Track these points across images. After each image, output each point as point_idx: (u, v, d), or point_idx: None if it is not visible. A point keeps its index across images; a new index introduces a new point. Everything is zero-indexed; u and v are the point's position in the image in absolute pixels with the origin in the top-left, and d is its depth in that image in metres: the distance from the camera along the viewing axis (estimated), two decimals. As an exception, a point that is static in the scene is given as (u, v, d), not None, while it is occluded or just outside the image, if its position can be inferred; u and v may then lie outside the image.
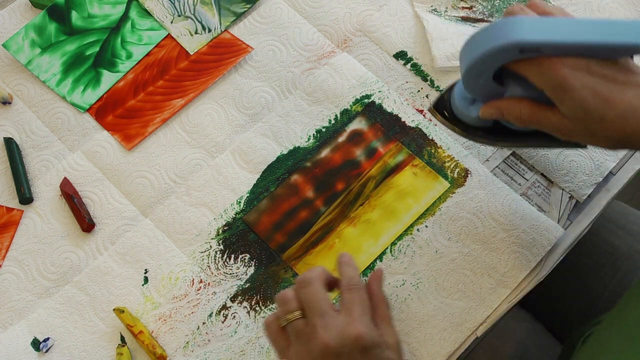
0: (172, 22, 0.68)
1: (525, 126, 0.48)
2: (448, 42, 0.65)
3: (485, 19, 0.67)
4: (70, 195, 0.59)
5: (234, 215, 0.60)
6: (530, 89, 0.46)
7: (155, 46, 0.67)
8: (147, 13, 0.68)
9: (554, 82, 0.44)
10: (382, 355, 0.45)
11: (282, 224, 0.59)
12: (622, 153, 0.62)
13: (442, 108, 0.54)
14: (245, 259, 0.58)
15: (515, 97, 0.48)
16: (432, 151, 0.62)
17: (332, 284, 0.48)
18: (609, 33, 0.43)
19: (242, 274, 0.58)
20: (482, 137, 0.53)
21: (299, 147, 0.62)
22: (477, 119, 0.52)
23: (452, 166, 0.61)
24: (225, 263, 0.58)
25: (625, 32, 0.44)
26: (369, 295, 0.48)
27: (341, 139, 0.62)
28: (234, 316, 0.56)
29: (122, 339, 0.55)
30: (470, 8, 0.68)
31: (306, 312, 0.46)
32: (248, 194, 0.60)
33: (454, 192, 0.60)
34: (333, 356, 0.44)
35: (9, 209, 0.60)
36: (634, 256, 0.72)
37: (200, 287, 0.57)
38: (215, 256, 0.58)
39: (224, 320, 0.56)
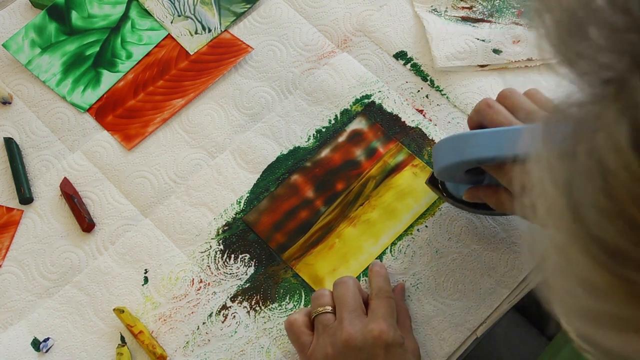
0: (172, 22, 0.68)
1: (503, 211, 0.51)
2: (448, 42, 0.65)
3: (485, 19, 0.67)
4: (70, 195, 0.59)
5: (234, 215, 0.60)
6: None
7: (155, 46, 0.67)
8: (147, 13, 0.68)
9: (517, 184, 0.46)
10: (403, 356, 0.47)
11: (282, 224, 0.59)
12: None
13: (436, 182, 0.57)
14: (245, 259, 0.58)
15: (492, 187, 0.51)
16: (432, 151, 0.62)
17: (363, 296, 0.52)
18: None
19: (242, 274, 0.58)
20: (477, 209, 0.56)
21: (299, 147, 0.62)
22: None
23: (452, 166, 0.61)
24: (225, 263, 0.58)
25: None
26: None
27: (341, 139, 0.62)
28: (234, 316, 0.56)
29: (122, 339, 0.55)
30: (470, 8, 0.68)
31: (337, 307, 0.50)
32: (248, 194, 0.60)
33: (454, 192, 0.60)
34: (355, 349, 0.47)
35: (9, 209, 0.60)
36: None
37: (200, 287, 0.57)
38: (215, 256, 0.58)
39: (224, 320, 0.56)
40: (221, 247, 0.59)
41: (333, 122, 0.63)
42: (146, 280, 0.58)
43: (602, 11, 0.20)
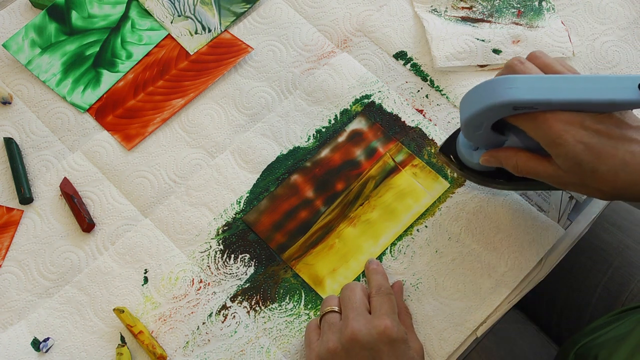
0: (172, 22, 0.68)
1: (522, 175, 0.50)
2: (448, 42, 0.65)
3: (485, 19, 0.67)
4: (70, 195, 0.59)
5: (233, 215, 0.60)
6: (527, 140, 0.48)
7: (155, 46, 0.67)
8: (147, 13, 0.68)
9: (548, 137, 0.46)
10: (407, 353, 0.48)
11: (282, 224, 0.59)
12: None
13: (448, 151, 0.56)
14: (245, 259, 0.58)
15: (513, 148, 0.50)
16: (432, 151, 0.62)
17: (367, 297, 0.53)
18: (600, 90, 0.45)
19: (242, 274, 0.58)
20: (489, 179, 0.55)
21: (299, 147, 0.62)
22: (480, 164, 0.53)
23: (452, 166, 0.61)
24: (225, 263, 0.58)
25: (617, 88, 0.45)
26: None
27: (341, 139, 0.62)
28: (234, 316, 0.56)
29: (122, 339, 0.55)
30: (470, 8, 0.68)
31: (342, 307, 0.52)
32: (248, 194, 0.60)
33: (454, 192, 0.60)
34: (360, 345, 0.48)
35: (9, 209, 0.60)
36: (625, 252, 0.72)
37: (200, 287, 0.57)
38: (215, 256, 0.58)
39: (224, 320, 0.56)
40: (221, 247, 0.59)
41: (333, 122, 0.63)
42: (146, 280, 0.58)
43: None
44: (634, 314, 0.60)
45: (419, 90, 0.64)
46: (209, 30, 0.67)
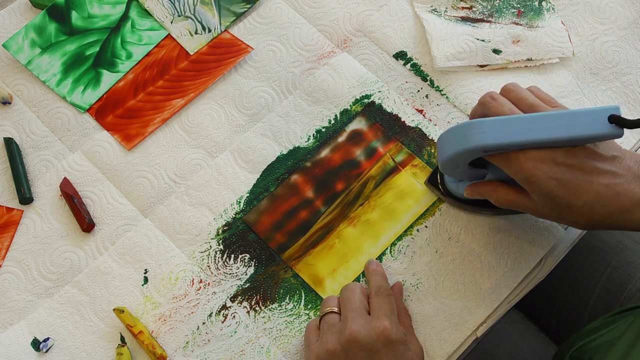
0: (172, 22, 0.68)
1: (504, 207, 0.51)
2: (448, 42, 0.65)
3: (485, 19, 0.67)
4: (70, 195, 0.59)
5: (233, 215, 0.60)
6: (506, 174, 0.49)
7: (155, 46, 0.67)
8: (147, 13, 0.68)
9: (521, 175, 0.46)
10: (406, 354, 0.48)
11: (282, 224, 0.59)
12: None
13: (436, 182, 0.58)
14: (245, 259, 0.58)
15: (493, 182, 0.51)
16: (432, 151, 0.62)
17: (367, 298, 0.53)
18: (570, 126, 0.45)
19: (242, 274, 0.58)
20: (476, 207, 0.57)
21: (298, 147, 0.62)
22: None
23: (452, 166, 0.61)
24: (225, 263, 0.58)
25: (587, 122, 0.45)
26: None
27: (341, 139, 0.62)
28: (234, 316, 0.56)
29: (122, 339, 0.55)
30: (470, 8, 0.68)
31: (342, 308, 0.52)
32: (248, 194, 0.60)
33: (454, 192, 0.60)
34: (359, 346, 0.48)
35: (9, 209, 0.60)
36: (623, 251, 0.72)
37: (200, 287, 0.57)
38: (215, 256, 0.58)
39: (224, 320, 0.56)
40: (221, 247, 0.59)
41: (333, 122, 0.63)
42: (146, 280, 0.58)
43: None
44: (629, 315, 0.60)
45: (419, 90, 0.64)
46: (209, 30, 0.67)
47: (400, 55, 0.66)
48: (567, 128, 0.45)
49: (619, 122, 0.45)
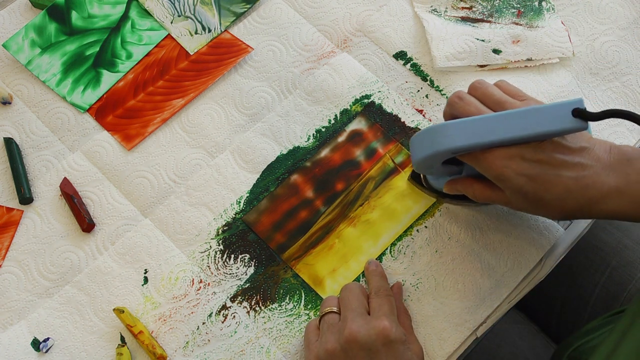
0: (172, 22, 0.68)
1: (480, 202, 0.52)
2: (448, 42, 0.65)
3: (485, 19, 0.67)
4: (70, 195, 0.59)
5: (233, 215, 0.60)
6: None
7: (155, 46, 0.67)
8: (147, 13, 0.68)
9: (491, 173, 0.47)
10: (406, 354, 0.48)
11: (281, 224, 0.59)
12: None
13: (418, 178, 0.59)
14: (245, 259, 0.58)
15: (469, 178, 0.52)
16: (432, 151, 0.62)
17: (367, 298, 0.53)
18: (535, 123, 0.46)
19: (242, 274, 0.58)
20: (459, 200, 0.58)
21: (298, 147, 0.62)
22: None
23: (451, 166, 0.61)
24: (225, 263, 0.58)
25: (551, 118, 0.45)
26: None
27: (341, 139, 0.62)
28: (234, 316, 0.56)
29: (122, 339, 0.55)
30: (470, 8, 0.68)
31: (341, 308, 0.52)
32: (248, 194, 0.60)
33: (454, 192, 0.60)
34: (358, 346, 0.48)
35: (9, 209, 0.60)
36: (623, 251, 0.72)
37: (200, 287, 0.57)
38: (215, 256, 0.58)
39: (224, 320, 0.56)
40: (221, 247, 0.59)
41: (333, 122, 0.63)
42: (146, 280, 0.58)
43: None
44: (624, 317, 0.60)
45: (419, 90, 0.64)
46: (209, 30, 0.67)
47: (400, 55, 0.66)
48: (533, 125, 0.45)
49: (582, 116, 0.45)
